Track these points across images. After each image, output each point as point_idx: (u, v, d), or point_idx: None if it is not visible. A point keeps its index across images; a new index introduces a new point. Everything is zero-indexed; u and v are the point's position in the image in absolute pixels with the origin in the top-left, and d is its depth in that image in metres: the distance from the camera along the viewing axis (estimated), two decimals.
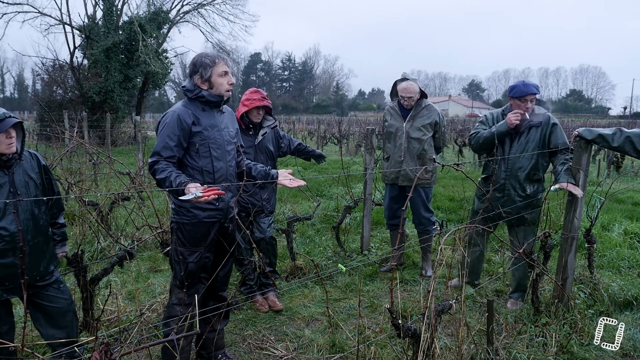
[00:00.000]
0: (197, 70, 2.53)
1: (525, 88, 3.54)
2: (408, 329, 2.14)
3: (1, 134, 2.22)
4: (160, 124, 2.54)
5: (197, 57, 2.56)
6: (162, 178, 2.34)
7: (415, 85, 4.24)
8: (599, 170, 11.44)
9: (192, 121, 2.49)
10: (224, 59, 2.58)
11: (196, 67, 2.53)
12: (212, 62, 2.52)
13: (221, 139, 2.59)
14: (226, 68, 2.56)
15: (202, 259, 2.59)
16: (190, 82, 2.57)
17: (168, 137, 2.44)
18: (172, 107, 2.59)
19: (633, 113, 65.11)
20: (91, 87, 18.81)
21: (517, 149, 3.62)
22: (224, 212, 2.62)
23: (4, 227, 2.25)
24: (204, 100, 2.54)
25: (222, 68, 2.54)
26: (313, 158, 4.06)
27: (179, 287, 2.58)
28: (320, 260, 4.75)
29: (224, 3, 28.79)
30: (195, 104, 2.55)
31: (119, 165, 5.19)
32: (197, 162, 2.52)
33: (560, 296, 3.33)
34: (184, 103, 2.57)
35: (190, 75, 2.57)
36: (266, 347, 3.15)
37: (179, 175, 2.34)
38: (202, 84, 2.54)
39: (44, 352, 2.87)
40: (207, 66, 2.51)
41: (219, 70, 2.53)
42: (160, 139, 2.46)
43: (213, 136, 2.55)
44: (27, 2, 21.64)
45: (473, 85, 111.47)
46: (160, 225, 3.41)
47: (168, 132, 2.45)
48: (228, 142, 2.63)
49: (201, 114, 2.53)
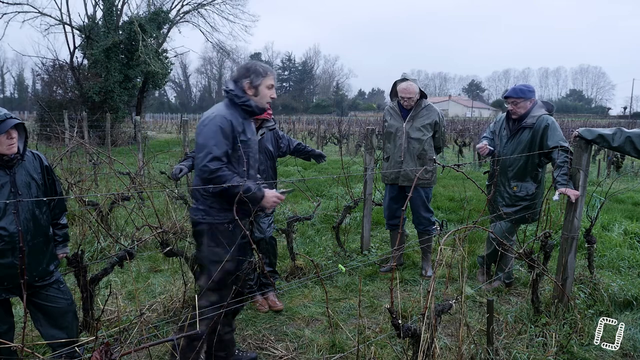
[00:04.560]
0: (248, 75, 2.55)
1: (508, 92, 3.82)
2: (408, 329, 2.15)
3: (2, 134, 2.22)
4: (208, 125, 2.48)
5: (251, 64, 2.60)
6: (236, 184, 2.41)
7: (415, 86, 4.24)
8: (599, 170, 11.44)
9: (242, 129, 2.54)
10: (274, 73, 2.65)
11: (248, 72, 2.55)
12: (264, 72, 2.57)
13: (255, 148, 2.70)
14: (274, 82, 2.63)
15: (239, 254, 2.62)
16: (237, 87, 2.57)
17: (224, 142, 2.46)
18: (216, 109, 2.56)
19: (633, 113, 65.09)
20: (91, 87, 18.81)
21: (509, 148, 3.85)
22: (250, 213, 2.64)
23: (4, 227, 2.25)
24: (249, 109, 2.57)
25: (271, 81, 2.61)
26: (313, 158, 4.07)
27: (214, 289, 2.52)
28: (320, 260, 4.75)
29: (224, 3, 28.82)
30: (238, 110, 2.57)
31: (119, 165, 5.19)
32: (236, 169, 2.55)
33: (560, 296, 3.33)
34: (228, 108, 2.56)
35: (238, 79, 2.57)
36: (266, 347, 3.15)
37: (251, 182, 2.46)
38: (248, 90, 2.57)
39: (44, 352, 2.87)
40: (259, 74, 2.56)
41: (268, 82, 2.59)
42: (218, 143, 2.43)
43: (252, 145, 2.64)
44: (27, 2, 21.65)
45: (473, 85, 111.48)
46: (160, 225, 3.41)
47: (222, 136, 2.45)
48: (257, 151, 2.76)
49: (244, 122, 2.59)
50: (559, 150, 3.47)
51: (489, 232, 3.26)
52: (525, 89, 3.76)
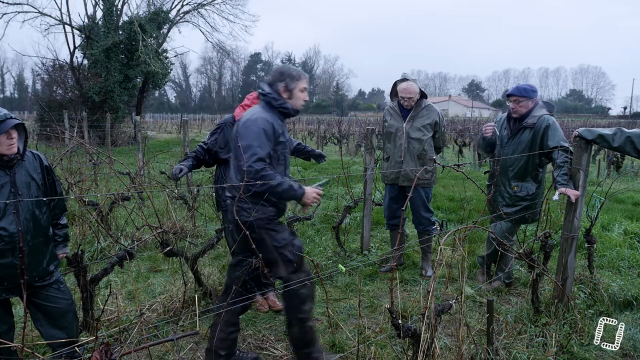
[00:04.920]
0: (283, 79, 2.67)
1: (511, 90, 3.82)
2: (408, 329, 2.15)
3: (2, 135, 2.22)
4: (251, 127, 2.56)
5: (285, 68, 2.71)
6: (280, 183, 2.53)
7: (415, 86, 4.24)
8: (599, 170, 11.44)
9: (281, 131, 2.66)
10: (307, 76, 2.77)
11: (283, 76, 2.67)
12: (298, 76, 2.69)
13: (290, 149, 2.83)
14: (307, 85, 2.75)
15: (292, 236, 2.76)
16: (272, 90, 2.69)
17: (267, 144, 2.56)
18: (256, 112, 2.64)
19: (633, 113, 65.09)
20: (91, 87, 18.80)
21: (510, 148, 3.85)
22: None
23: (4, 227, 2.26)
24: (285, 111, 2.69)
25: (305, 84, 2.73)
26: (313, 158, 4.07)
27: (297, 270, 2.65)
28: (320, 260, 4.75)
29: (224, 3, 28.83)
30: (275, 112, 2.68)
31: (119, 165, 5.19)
32: (275, 169, 2.64)
33: (560, 296, 3.33)
34: (267, 110, 2.66)
35: (273, 82, 2.69)
36: (266, 347, 3.15)
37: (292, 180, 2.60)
38: (283, 93, 2.68)
39: (44, 352, 2.87)
40: (294, 78, 2.68)
41: (302, 85, 2.71)
42: (262, 145, 2.53)
43: (288, 146, 2.77)
44: (27, 2, 21.65)
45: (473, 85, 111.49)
46: (160, 225, 3.41)
47: (265, 138, 2.55)
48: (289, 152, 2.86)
49: (282, 124, 2.71)
50: (559, 150, 3.47)
51: (489, 232, 3.26)
52: (529, 88, 3.76)
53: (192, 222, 5.76)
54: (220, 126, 3.69)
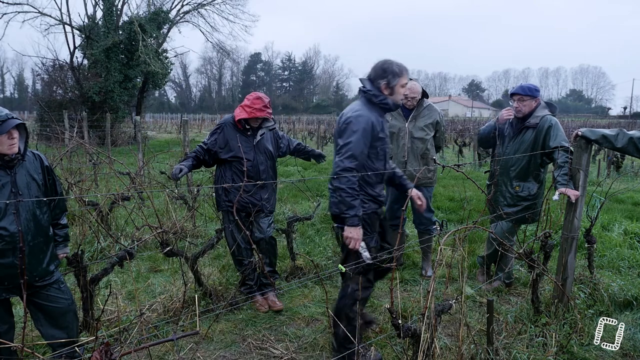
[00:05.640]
0: (385, 76, 2.70)
1: (515, 89, 3.83)
2: (408, 329, 2.15)
3: (3, 135, 2.22)
4: (351, 124, 2.64)
5: (387, 64, 2.71)
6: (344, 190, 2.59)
7: (419, 85, 4.25)
8: (599, 170, 11.44)
9: (380, 128, 2.72)
10: (408, 71, 2.78)
11: (385, 73, 2.69)
12: (400, 72, 2.70)
13: (389, 143, 2.87)
14: (407, 81, 2.78)
15: (377, 243, 2.88)
16: (374, 86, 2.73)
17: (364, 143, 2.63)
18: (358, 109, 2.70)
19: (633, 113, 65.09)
20: (91, 87, 18.80)
21: (512, 148, 3.84)
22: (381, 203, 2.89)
23: (4, 227, 2.26)
24: (386, 107, 2.74)
25: (405, 80, 2.75)
26: (313, 158, 4.07)
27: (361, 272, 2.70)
28: (320, 260, 4.75)
29: (224, 3, 28.82)
30: (376, 108, 2.74)
31: (119, 165, 5.19)
32: (374, 164, 2.75)
33: (560, 296, 3.33)
34: (368, 107, 2.72)
35: (375, 79, 2.73)
36: (266, 347, 3.15)
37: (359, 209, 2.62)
38: (385, 89, 2.72)
39: (44, 352, 2.87)
40: (395, 75, 2.69)
41: (403, 81, 2.73)
42: (356, 143, 2.61)
43: (387, 141, 2.83)
44: (27, 2, 21.64)
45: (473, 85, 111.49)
46: (160, 225, 3.41)
47: (364, 138, 2.63)
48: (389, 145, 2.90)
49: (383, 120, 2.78)
50: (559, 150, 3.47)
51: (489, 233, 3.26)
52: (533, 88, 3.77)
53: (192, 222, 5.76)
54: (220, 126, 3.69)
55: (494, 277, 4.15)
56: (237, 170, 3.61)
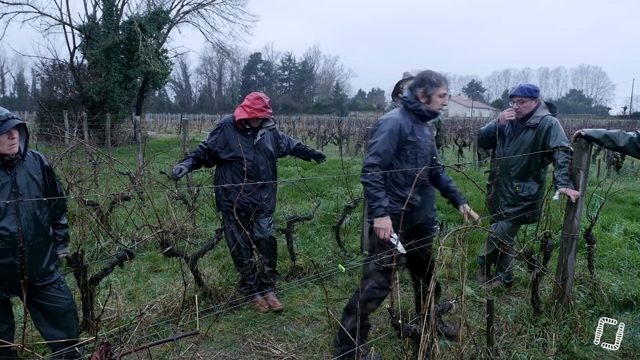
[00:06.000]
0: (422, 85, 2.85)
1: (515, 90, 3.84)
2: (408, 329, 2.15)
3: (3, 135, 2.23)
4: (381, 126, 2.87)
5: (427, 75, 2.87)
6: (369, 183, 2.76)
7: None
8: (599, 170, 11.43)
9: (410, 132, 2.85)
10: (447, 82, 2.92)
11: (423, 82, 2.85)
12: (438, 82, 2.84)
13: (426, 149, 2.96)
14: (446, 91, 2.90)
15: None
16: (411, 94, 2.90)
17: (389, 143, 2.81)
18: (391, 113, 2.91)
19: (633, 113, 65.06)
20: (91, 87, 18.80)
21: (512, 148, 3.85)
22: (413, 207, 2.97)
23: (5, 227, 2.26)
24: (419, 113, 2.88)
25: (443, 90, 2.87)
26: (313, 158, 4.07)
27: (382, 270, 2.83)
28: (320, 260, 4.75)
29: (224, 3, 28.82)
30: (411, 114, 2.90)
31: (119, 165, 5.19)
32: (402, 165, 2.88)
33: (560, 296, 3.33)
34: (401, 111, 2.92)
35: (414, 87, 2.90)
36: (266, 347, 3.15)
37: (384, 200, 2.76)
38: (422, 97, 2.86)
39: (44, 352, 2.87)
40: (433, 85, 2.83)
41: (441, 91, 2.86)
42: (382, 142, 2.81)
43: (421, 146, 2.92)
44: (27, 2, 21.64)
45: (473, 85, 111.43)
46: (160, 225, 3.41)
47: (390, 138, 2.81)
48: (428, 152, 3.00)
49: (415, 125, 2.90)
50: (559, 150, 3.47)
51: (489, 233, 3.26)
52: (532, 88, 3.77)
53: (192, 222, 5.76)
54: (221, 126, 3.69)
55: (494, 277, 4.15)
56: (237, 170, 3.61)
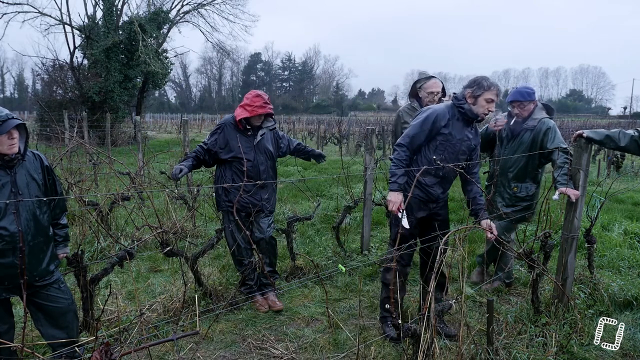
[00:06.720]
0: (472, 86, 2.99)
1: (514, 96, 3.84)
2: (408, 329, 2.15)
3: (3, 135, 2.23)
4: (420, 114, 3.11)
5: (480, 78, 3.01)
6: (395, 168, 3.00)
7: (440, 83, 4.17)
8: (599, 170, 11.44)
9: (444, 124, 3.00)
10: (498, 90, 3.01)
11: (474, 84, 2.99)
12: (487, 87, 2.96)
13: (458, 146, 3.06)
14: (494, 97, 2.98)
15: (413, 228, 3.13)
16: (462, 92, 3.06)
17: (420, 128, 3.02)
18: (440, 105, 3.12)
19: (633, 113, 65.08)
20: (91, 87, 18.80)
21: (510, 150, 3.87)
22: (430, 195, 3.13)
23: (5, 227, 2.26)
24: (462, 110, 3.03)
25: (491, 96, 2.97)
26: (313, 158, 4.07)
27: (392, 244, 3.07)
28: (320, 260, 4.75)
29: (224, 3, 28.83)
30: (454, 110, 3.05)
31: (119, 165, 5.19)
32: (430, 154, 3.04)
33: (560, 296, 3.33)
34: (447, 105, 3.08)
35: (465, 87, 3.05)
36: (266, 347, 3.15)
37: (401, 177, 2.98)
38: (469, 98, 3.01)
39: (44, 352, 2.87)
40: (481, 87, 2.96)
41: (488, 96, 2.96)
42: (414, 127, 3.05)
43: (453, 141, 3.03)
44: (27, 2, 21.64)
45: None
46: (160, 225, 3.41)
47: (423, 124, 3.02)
48: (462, 152, 3.10)
49: (454, 121, 3.03)
50: (558, 151, 3.49)
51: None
52: (530, 91, 3.78)
53: (192, 222, 5.76)
54: (221, 126, 3.69)
55: (494, 276, 4.16)
56: (237, 170, 3.61)
